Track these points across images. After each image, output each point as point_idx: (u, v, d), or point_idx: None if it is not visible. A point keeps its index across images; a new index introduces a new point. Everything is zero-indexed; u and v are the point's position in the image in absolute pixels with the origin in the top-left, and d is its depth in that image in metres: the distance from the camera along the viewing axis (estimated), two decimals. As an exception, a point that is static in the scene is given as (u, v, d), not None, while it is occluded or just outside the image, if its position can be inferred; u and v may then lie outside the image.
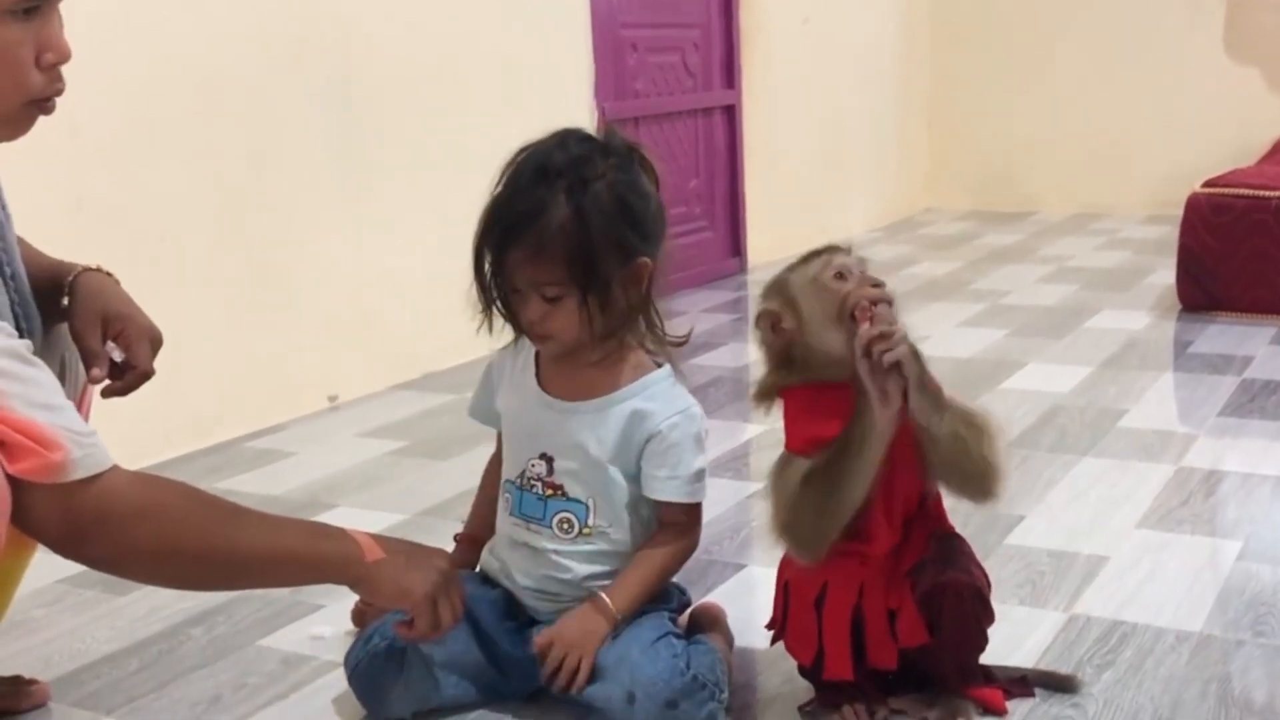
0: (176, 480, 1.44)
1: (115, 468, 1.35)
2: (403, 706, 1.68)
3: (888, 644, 1.62)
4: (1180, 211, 4.04)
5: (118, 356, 1.60)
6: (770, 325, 1.63)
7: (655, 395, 1.69)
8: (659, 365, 1.72)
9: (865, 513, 1.56)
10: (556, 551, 1.69)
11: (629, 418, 1.67)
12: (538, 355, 1.75)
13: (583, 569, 1.69)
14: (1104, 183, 6.26)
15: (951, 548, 1.62)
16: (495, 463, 1.83)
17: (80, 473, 1.30)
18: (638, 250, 1.65)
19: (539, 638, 1.65)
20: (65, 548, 1.34)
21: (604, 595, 1.65)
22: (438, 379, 3.40)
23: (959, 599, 1.59)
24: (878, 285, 1.58)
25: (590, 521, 1.69)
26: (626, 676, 1.59)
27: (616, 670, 1.61)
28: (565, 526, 1.69)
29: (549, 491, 1.70)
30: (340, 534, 1.51)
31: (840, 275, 1.60)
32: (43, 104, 1.41)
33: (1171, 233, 4.12)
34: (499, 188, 1.65)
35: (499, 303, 1.66)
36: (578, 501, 1.69)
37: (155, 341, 1.63)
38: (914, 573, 1.60)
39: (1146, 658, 1.81)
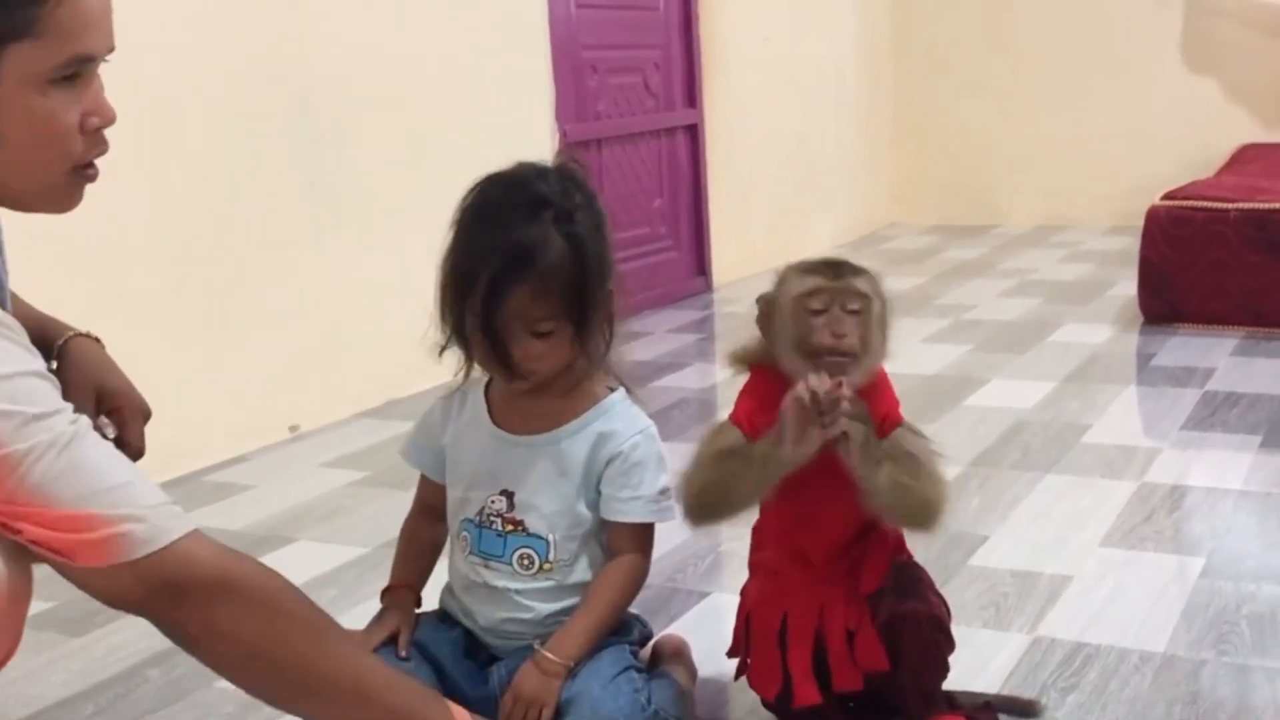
0: (265, 565, 1.36)
1: (195, 535, 1.27)
2: None
3: (851, 667, 1.61)
4: (1141, 223, 4.06)
5: (110, 434, 1.53)
6: (760, 311, 1.64)
7: (614, 417, 1.67)
8: (612, 390, 1.70)
9: (806, 528, 1.59)
10: (517, 591, 1.66)
11: (594, 441, 1.65)
12: (487, 394, 1.74)
13: (545, 607, 1.67)
14: (1067, 195, 6.30)
15: (910, 576, 1.61)
16: (418, 511, 1.79)
17: (144, 548, 1.23)
18: (610, 278, 1.64)
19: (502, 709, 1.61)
20: (154, 616, 1.29)
21: (550, 654, 1.62)
22: (400, 406, 3.38)
23: (918, 628, 1.59)
24: (840, 336, 1.54)
25: (551, 557, 1.66)
26: (587, 712, 1.57)
27: (577, 706, 1.59)
28: (525, 563, 1.67)
29: (509, 527, 1.68)
30: (438, 701, 1.44)
31: (818, 311, 1.56)
32: (85, 170, 1.38)
33: (1133, 244, 4.14)
34: (474, 224, 1.61)
35: (483, 338, 1.60)
36: (538, 537, 1.66)
37: (147, 418, 1.59)
38: (873, 602, 1.60)
39: (1110, 679, 1.81)
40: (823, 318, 1.56)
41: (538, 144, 4.10)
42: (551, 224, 1.58)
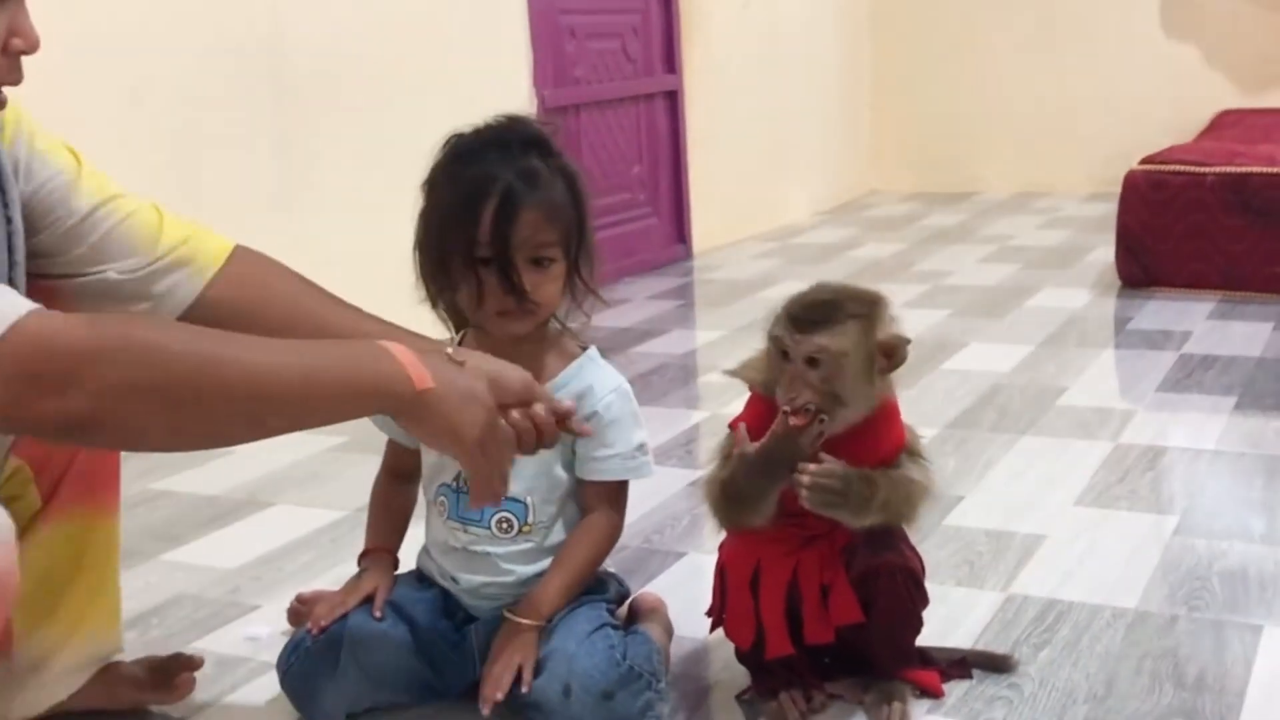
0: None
1: (34, 314, 1.15)
2: (336, 707, 1.66)
3: (823, 619, 1.62)
4: (1119, 189, 4.07)
5: None
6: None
7: (588, 375, 1.67)
8: (583, 349, 1.70)
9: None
10: (497, 555, 1.66)
11: (573, 401, 1.65)
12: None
13: (524, 570, 1.67)
14: (1045, 162, 6.30)
15: (884, 530, 1.60)
16: (387, 476, 1.79)
17: None
18: (591, 223, 1.67)
19: (486, 689, 1.60)
20: (19, 416, 1.16)
21: (524, 618, 1.62)
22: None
23: (892, 580, 1.59)
24: (792, 396, 1.51)
25: (529, 520, 1.67)
26: (563, 669, 1.58)
27: (553, 663, 1.59)
28: (504, 526, 1.67)
29: None
30: (380, 352, 1.32)
31: (785, 355, 1.54)
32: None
33: (1112, 210, 4.15)
34: (461, 164, 1.62)
35: (489, 269, 1.59)
36: (516, 500, 1.66)
37: None
38: (847, 554, 1.60)
39: (1083, 635, 1.82)
40: (789, 367, 1.53)
41: (515, 109, 4.08)
42: (539, 159, 1.61)
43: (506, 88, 4.05)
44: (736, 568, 1.65)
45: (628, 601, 1.81)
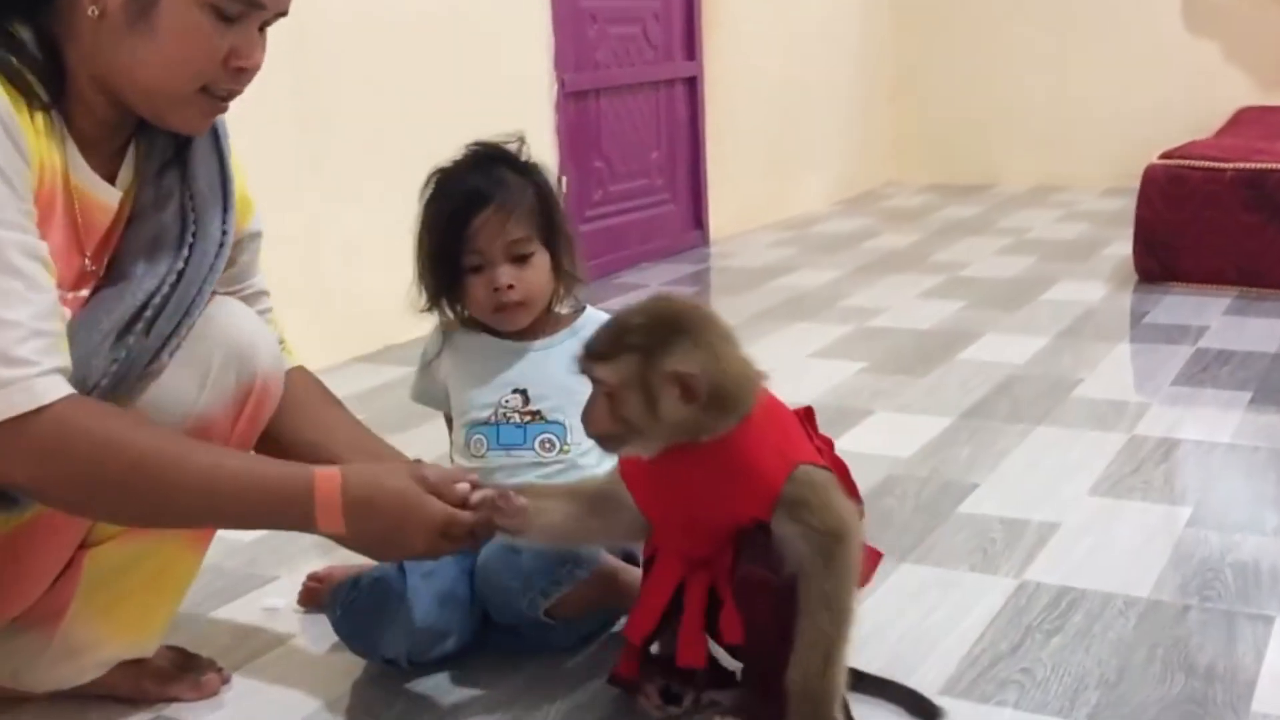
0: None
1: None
2: (398, 644, 1.68)
3: (699, 640, 1.56)
4: (1138, 184, 4.06)
5: None
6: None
7: (591, 322, 1.81)
8: (581, 311, 1.89)
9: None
10: (539, 477, 1.74)
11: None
12: (475, 326, 1.86)
13: None
14: (1064, 156, 6.28)
15: (754, 539, 1.48)
16: None
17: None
18: (569, 223, 1.88)
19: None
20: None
21: None
22: (398, 351, 3.38)
23: (745, 592, 1.49)
24: (587, 426, 1.51)
25: (569, 440, 1.77)
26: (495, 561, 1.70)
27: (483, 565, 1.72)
28: (548, 446, 1.77)
29: (527, 418, 1.79)
30: (297, 480, 1.45)
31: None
32: (216, 96, 1.49)
33: (1129, 205, 4.15)
34: (436, 191, 1.82)
35: (447, 299, 1.84)
36: (557, 423, 1.78)
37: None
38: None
39: (1094, 623, 1.83)
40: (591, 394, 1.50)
41: (536, 92, 4.10)
42: (506, 169, 1.81)
43: (527, 71, 4.06)
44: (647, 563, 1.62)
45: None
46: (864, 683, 1.61)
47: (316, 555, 2.08)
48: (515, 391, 1.81)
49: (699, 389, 1.42)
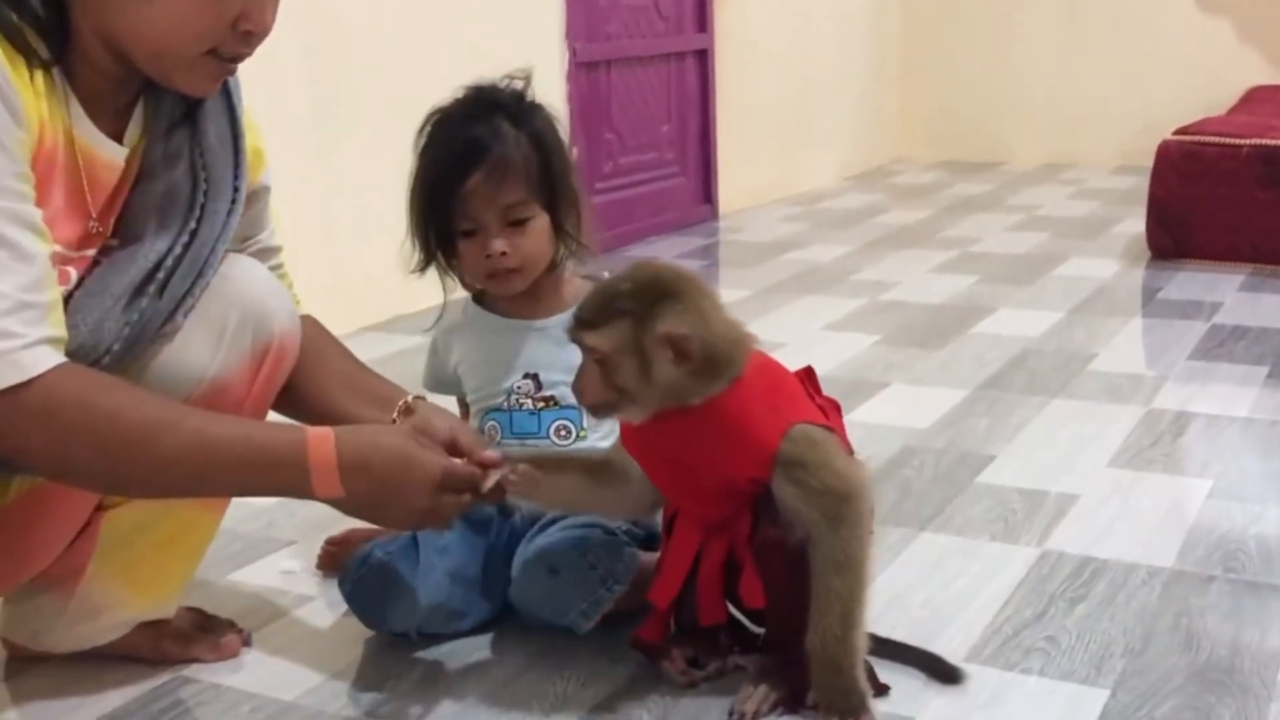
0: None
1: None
2: (408, 621, 1.67)
3: (719, 601, 1.57)
4: (1149, 162, 4.04)
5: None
6: None
7: None
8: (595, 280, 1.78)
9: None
10: None
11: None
12: (481, 302, 1.80)
13: None
14: (1074, 134, 6.25)
15: (770, 501, 1.46)
16: None
17: None
18: (573, 175, 1.75)
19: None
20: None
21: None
22: (407, 321, 3.36)
23: (764, 555, 1.49)
24: (580, 395, 1.50)
25: (585, 424, 1.73)
26: (534, 547, 1.65)
27: (530, 543, 1.66)
28: (563, 433, 1.73)
29: (540, 405, 1.75)
30: (296, 460, 1.41)
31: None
32: (224, 59, 1.44)
33: (1140, 183, 4.13)
34: (431, 138, 1.72)
35: (442, 255, 1.74)
36: (571, 408, 1.71)
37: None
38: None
39: (1118, 592, 1.82)
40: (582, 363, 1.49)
41: (547, 62, 4.07)
42: (506, 120, 1.68)
43: (538, 41, 4.03)
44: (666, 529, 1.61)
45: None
46: (885, 647, 1.60)
47: (333, 520, 2.06)
48: (527, 376, 1.75)
49: (692, 350, 1.41)
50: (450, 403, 1.91)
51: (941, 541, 2.00)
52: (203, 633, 1.71)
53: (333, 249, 3.30)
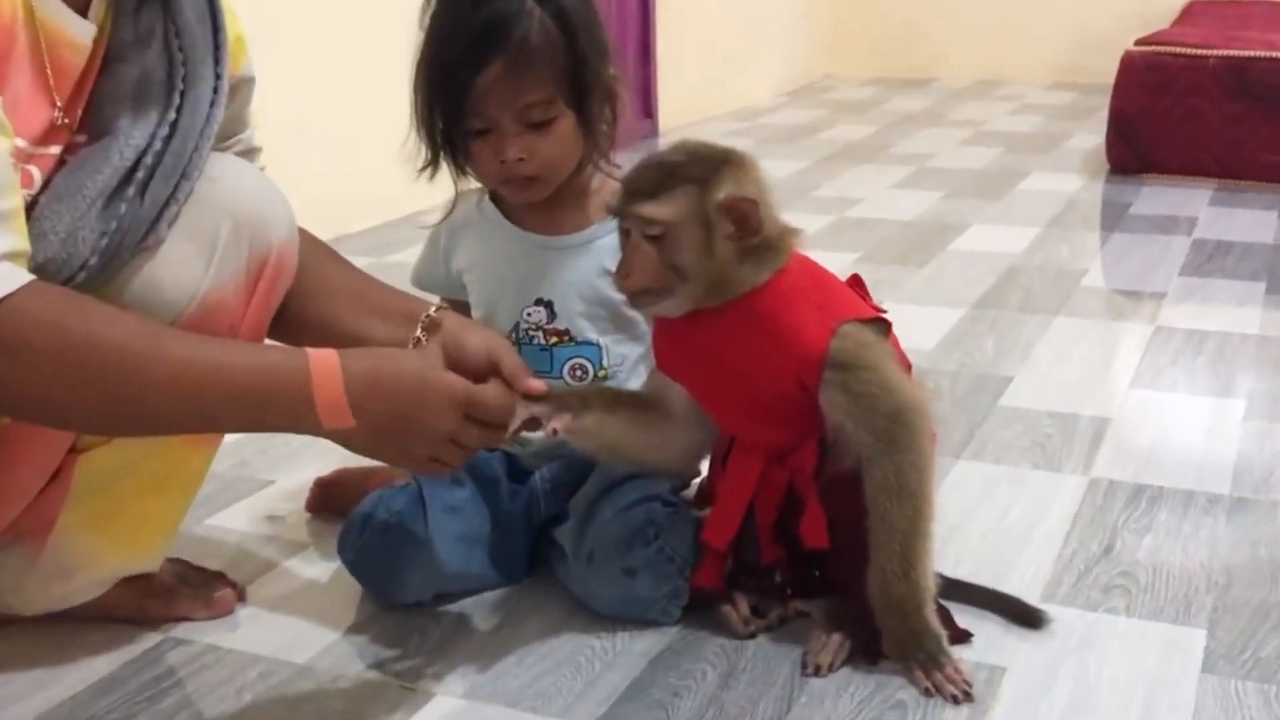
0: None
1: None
2: (422, 589, 1.48)
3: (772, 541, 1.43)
4: (1086, 79, 3.92)
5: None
6: None
7: None
8: None
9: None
10: None
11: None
12: (498, 201, 1.56)
13: None
14: (1005, 49, 6.14)
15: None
16: None
17: None
18: (608, 58, 1.48)
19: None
20: None
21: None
22: (352, 241, 3.13)
23: (832, 492, 1.35)
24: (624, 275, 1.32)
25: (605, 363, 1.52)
26: (592, 534, 1.44)
27: (588, 528, 1.45)
28: (579, 374, 1.51)
29: (553, 340, 1.53)
30: (290, 366, 1.20)
31: (627, 233, 1.34)
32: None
33: (1080, 99, 4.03)
34: (439, 13, 1.45)
35: (451, 153, 1.48)
36: (589, 344, 1.51)
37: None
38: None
39: (1183, 521, 1.70)
40: (627, 243, 1.32)
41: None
42: None
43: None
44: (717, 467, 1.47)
45: (698, 481, 1.64)
46: (957, 590, 1.46)
47: (311, 456, 1.87)
48: (538, 302, 1.52)
49: (756, 218, 1.28)
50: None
51: (982, 469, 1.87)
52: (191, 588, 1.51)
53: (267, 163, 3.06)
